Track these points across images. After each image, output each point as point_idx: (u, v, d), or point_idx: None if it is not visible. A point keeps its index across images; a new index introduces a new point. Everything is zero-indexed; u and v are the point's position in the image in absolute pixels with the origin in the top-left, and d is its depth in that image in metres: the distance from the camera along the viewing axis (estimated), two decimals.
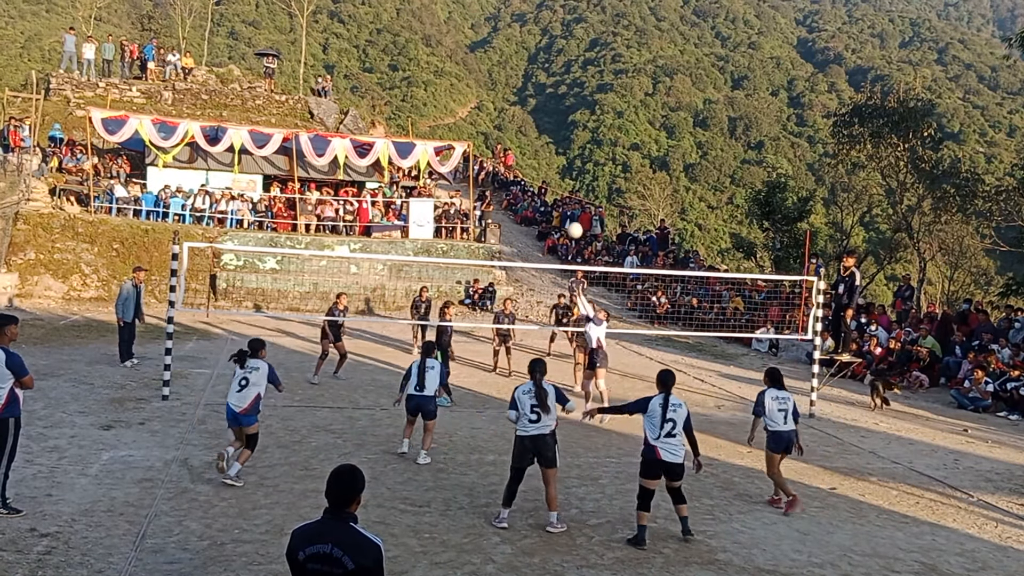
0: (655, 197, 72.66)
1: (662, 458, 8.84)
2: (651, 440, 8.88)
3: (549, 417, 9.00)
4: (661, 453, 8.83)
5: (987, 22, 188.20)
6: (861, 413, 16.99)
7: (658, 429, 8.86)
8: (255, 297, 26.64)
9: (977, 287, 41.15)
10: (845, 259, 17.45)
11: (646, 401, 9.06)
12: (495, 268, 28.98)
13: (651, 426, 8.90)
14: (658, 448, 8.83)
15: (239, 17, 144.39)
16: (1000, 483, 12.14)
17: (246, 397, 10.05)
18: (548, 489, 9.04)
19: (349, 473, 4.74)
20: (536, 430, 8.96)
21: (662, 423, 8.86)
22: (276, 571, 7.40)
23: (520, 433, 9.04)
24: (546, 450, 8.98)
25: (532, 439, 8.97)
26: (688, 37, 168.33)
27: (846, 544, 9.08)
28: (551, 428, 9.04)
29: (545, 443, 8.98)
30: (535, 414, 8.95)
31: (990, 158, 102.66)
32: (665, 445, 8.84)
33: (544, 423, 8.98)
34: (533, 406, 8.95)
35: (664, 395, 9.05)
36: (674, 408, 8.94)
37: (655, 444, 8.85)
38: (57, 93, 37.08)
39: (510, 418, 9.14)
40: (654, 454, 8.85)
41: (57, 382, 14.69)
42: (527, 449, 9.00)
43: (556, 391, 9.18)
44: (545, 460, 8.99)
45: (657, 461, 8.85)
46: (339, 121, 41.57)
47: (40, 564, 7.37)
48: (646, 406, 9.01)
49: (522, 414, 9.02)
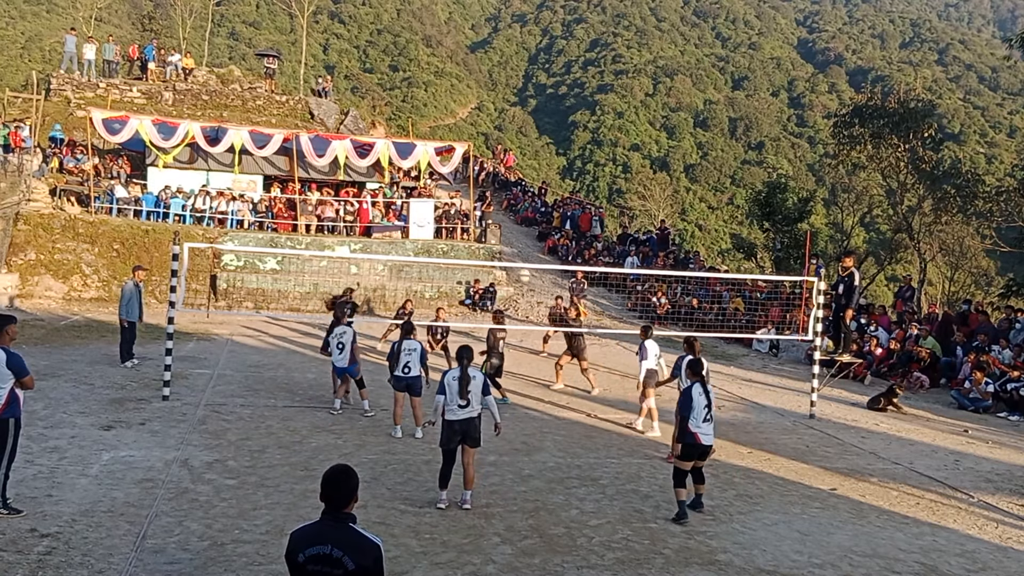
0: (655, 198, 72.64)
1: (701, 442, 9.63)
2: (692, 427, 9.58)
3: (476, 403, 9.47)
4: (701, 438, 9.62)
5: (987, 23, 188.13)
6: (862, 414, 16.99)
7: (700, 417, 9.62)
8: (255, 297, 26.64)
9: (978, 288, 41.13)
10: (844, 260, 17.48)
11: (689, 397, 9.68)
12: (495, 268, 28.98)
13: (694, 415, 9.59)
14: (698, 434, 9.60)
15: (240, 18, 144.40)
16: (1000, 484, 12.14)
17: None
18: (468, 469, 9.53)
19: (343, 473, 4.73)
20: (465, 414, 9.42)
21: (706, 410, 9.66)
22: (276, 571, 7.39)
23: (448, 417, 9.43)
24: (473, 431, 9.47)
25: (461, 423, 9.41)
26: (688, 38, 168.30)
27: (846, 545, 9.09)
28: (478, 412, 9.50)
29: (473, 426, 9.47)
30: (465, 400, 9.38)
31: (990, 159, 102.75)
32: (705, 430, 9.65)
33: (472, 407, 9.44)
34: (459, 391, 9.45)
35: (701, 383, 9.84)
36: (711, 394, 9.81)
37: (695, 430, 9.59)
38: (58, 93, 37.08)
39: (438, 403, 9.51)
40: (695, 439, 9.59)
41: (58, 382, 14.69)
42: (456, 432, 9.41)
43: (484, 381, 9.64)
44: (471, 440, 9.50)
45: (697, 445, 9.62)
46: (339, 122, 41.56)
47: (40, 564, 7.37)
48: (690, 402, 9.64)
49: (451, 399, 9.42)
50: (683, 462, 9.64)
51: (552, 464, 11.63)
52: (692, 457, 9.65)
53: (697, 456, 9.69)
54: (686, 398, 9.71)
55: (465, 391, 9.39)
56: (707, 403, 9.67)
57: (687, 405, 9.65)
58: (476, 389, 9.47)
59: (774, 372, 21.93)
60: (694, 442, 9.58)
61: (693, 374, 10.16)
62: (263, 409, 13.87)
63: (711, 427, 9.73)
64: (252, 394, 14.93)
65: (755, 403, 17.40)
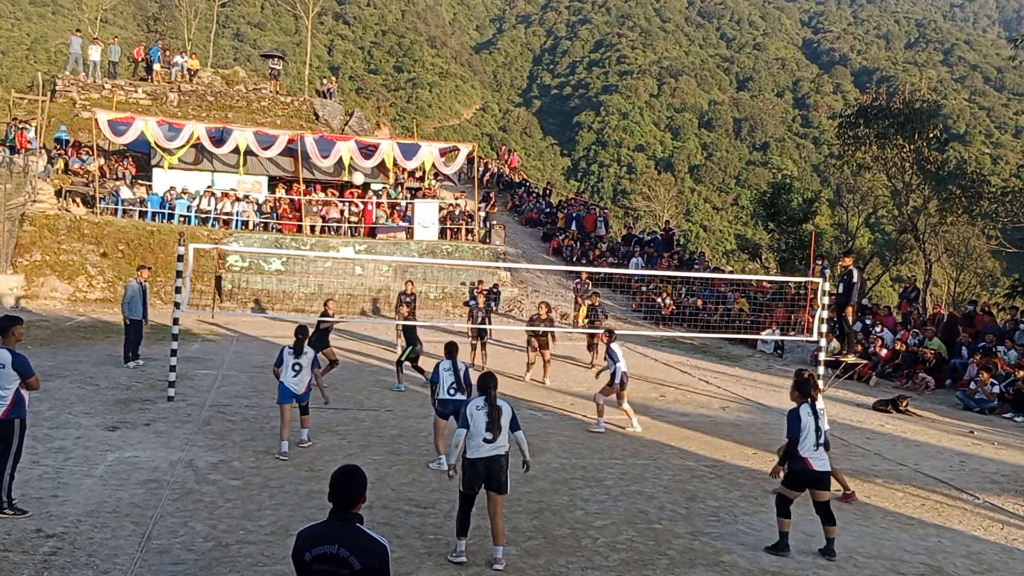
0: (660, 198, 72.62)
1: (814, 468, 8.70)
2: (803, 452, 8.69)
3: (502, 438, 8.06)
4: (813, 463, 8.69)
5: (993, 23, 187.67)
6: (867, 415, 16.97)
7: (813, 442, 8.70)
8: (260, 298, 26.68)
9: (983, 288, 41.01)
10: (843, 260, 17.55)
11: (796, 418, 8.75)
12: (500, 269, 28.98)
13: (804, 439, 8.67)
14: (809, 460, 8.69)
15: (244, 19, 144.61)
16: (1006, 485, 12.11)
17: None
18: (495, 520, 8.03)
19: (352, 474, 4.75)
20: (492, 451, 7.98)
21: (817, 433, 8.72)
22: (281, 572, 7.41)
23: (471, 456, 7.98)
24: (499, 472, 8.00)
25: (485, 462, 7.97)
26: (693, 38, 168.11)
27: (851, 546, 9.07)
28: (506, 450, 8.10)
29: (499, 466, 8.01)
30: (493, 433, 7.98)
31: (996, 159, 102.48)
32: (817, 455, 8.73)
33: (500, 443, 8.03)
34: (488, 424, 7.99)
35: (810, 404, 8.85)
36: (821, 416, 8.83)
37: (807, 456, 8.70)
38: (63, 95, 37.15)
39: (458, 438, 8.04)
40: (806, 465, 8.69)
41: (63, 383, 14.72)
42: (479, 473, 7.98)
43: (513, 413, 8.22)
44: (496, 484, 8.00)
45: (810, 472, 8.69)
46: (344, 122, 41.59)
47: (46, 565, 7.39)
48: (799, 423, 8.72)
49: (475, 432, 7.99)
50: (792, 491, 8.82)
51: (556, 465, 11.62)
52: (803, 486, 8.78)
53: (813, 485, 8.76)
54: (795, 423, 8.74)
55: (496, 423, 7.98)
56: (818, 427, 8.75)
57: (796, 427, 8.72)
58: (505, 422, 8.09)
59: (779, 373, 21.89)
60: (806, 468, 8.69)
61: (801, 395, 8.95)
62: (268, 410, 13.88)
63: (824, 454, 8.81)
64: (257, 395, 14.95)
65: (760, 404, 17.38)
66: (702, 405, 16.96)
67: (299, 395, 11.87)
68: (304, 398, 11.97)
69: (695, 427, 14.68)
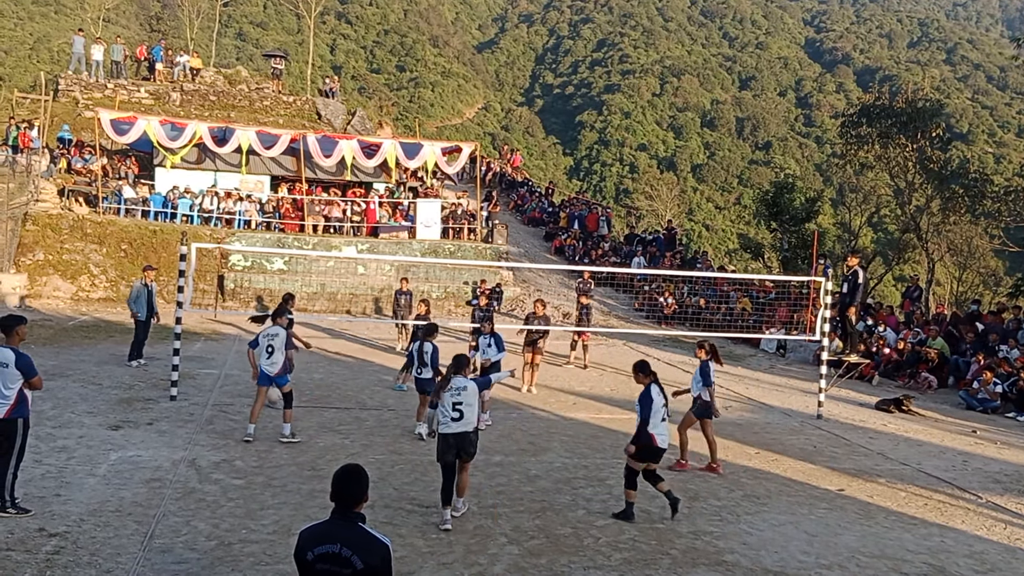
0: (662, 198, 72.60)
1: (658, 444, 9.43)
2: (651, 429, 9.37)
3: (472, 417, 9.11)
4: (657, 440, 9.41)
5: (996, 22, 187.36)
6: (869, 414, 16.96)
7: (660, 419, 9.43)
8: (263, 297, 26.68)
9: (986, 288, 40.95)
10: (849, 259, 17.52)
11: (649, 399, 9.44)
12: (502, 269, 28.98)
13: (653, 416, 9.37)
14: (655, 436, 9.39)
15: (247, 18, 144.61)
16: (1009, 484, 12.10)
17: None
18: (461, 476, 9.23)
19: (355, 473, 4.75)
20: (459, 428, 9.03)
21: (664, 410, 9.50)
22: (283, 571, 7.41)
23: (443, 431, 9.12)
24: (468, 446, 9.10)
25: (456, 437, 9.03)
26: (695, 37, 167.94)
27: (854, 545, 9.06)
28: (473, 427, 9.14)
29: (468, 440, 9.09)
30: (457, 412, 9.02)
31: (999, 158, 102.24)
32: (660, 431, 9.45)
33: (466, 421, 9.06)
34: (455, 404, 9.02)
35: (657, 385, 9.61)
36: (665, 395, 9.64)
37: (653, 433, 9.39)
38: (66, 94, 37.20)
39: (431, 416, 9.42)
40: (652, 441, 9.38)
41: (66, 382, 14.73)
42: (451, 446, 9.04)
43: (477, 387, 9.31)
44: (466, 455, 9.15)
45: (654, 447, 9.43)
46: (346, 122, 41.63)
47: (49, 564, 7.40)
48: (651, 404, 9.41)
49: (445, 412, 9.11)
50: (637, 462, 9.48)
51: (559, 464, 11.63)
52: (648, 459, 9.51)
53: (653, 458, 9.56)
54: (647, 400, 9.43)
55: (455, 404, 9.05)
56: (665, 404, 9.58)
57: (648, 408, 9.39)
58: (470, 400, 9.10)
59: (781, 372, 21.90)
60: (651, 444, 9.40)
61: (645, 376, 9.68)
62: (270, 409, 13.88)
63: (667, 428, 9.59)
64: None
65: (762, 403, 17.37)
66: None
67: (275, 377, 11.94)
68: (281, 381, 12.01)
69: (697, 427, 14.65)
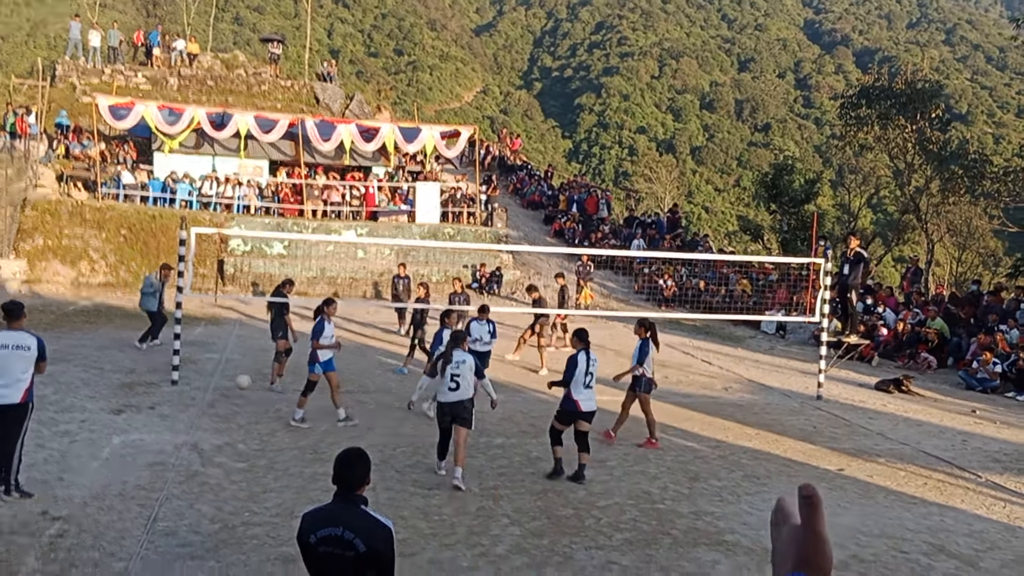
0: (662, 180, 72.28)
1: (582, 409, 9.98)
2: (574, 394, 9.96)
3: (468, 387, 9.75)
4: (581, 404, 9.97)
5: (995, 2, 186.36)
6: (869, 394, 17.00)
7: (583, 383, 9.99)
8: (263, 282, 26.69)
9: (985, 268, 40.94)
10: (851, 240, 17.47)
11: (574, 364, 10.01)
12: (502, 252, 28.97)
13: (575, 382, 9.96)
14: (579, 401, 9.96)
15: (244, 3, 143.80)
16: (1008, 464, 12.13)
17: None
18: (459, 447, 9.66)
19: (356, 455, 4.78)
20: (456, 397, 9.69)
21: (587, 376, 10.03)
22: (286, 553, 7.44)
23: (440, 400, 9.90)
24: (464, 413, 9.74)
25: (451, 405, 9.71)
26: (694, 19, 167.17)
27: (854, 525, 9.09)
28: (470, 395, 9.80)
29: (464, 407, 9.75)
30: (454, 383, 9.66)
31: (998, 139, 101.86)
32: (585, 396, 9.98)
33: (463, 391, 9.71)
34: (453, 375, 9.67)
35: (586, 351, 10.14)
36: (594, 362, 10.14)
37: (577, 398, 9.96)
38: (63, 80, 37.05)
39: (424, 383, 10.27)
40: (575, 406, 9.98)
41: (67, 367, 14.75)
42: (446, 413, 9.76)
43: (476, 364, 9.97)
44: (462, 421, 9.72)
45: (577, 412, 10.00)
46: (345, 106, 41.47)
47: (52, 547, 7.44)
48: (574, 368, 9.99)
49: (443, 382, 9.78)
50: (561, 424, 10.16)
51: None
52: (569, 421, 10.08)
53: (579, 420, 10.05)
54: (572, 364, 10.02)
55: (453, 376, 9.68)
56: (588, 371, 10.03)
57: (571, 372, 9.99)
58: (466, 373, 9.71)
59: (781, 354, 21.94)
60: (574, 408, 9.98)
61: (580, 342, 10.31)
62: (271, 393, 13.93)
63: (593, 395, 10.08)
64: (261, 378, 14.96)
65: (762, 384, 17.42)
66: (704, 386, 17.01)
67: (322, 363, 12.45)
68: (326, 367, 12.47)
69: (697, 408, 14.72)
